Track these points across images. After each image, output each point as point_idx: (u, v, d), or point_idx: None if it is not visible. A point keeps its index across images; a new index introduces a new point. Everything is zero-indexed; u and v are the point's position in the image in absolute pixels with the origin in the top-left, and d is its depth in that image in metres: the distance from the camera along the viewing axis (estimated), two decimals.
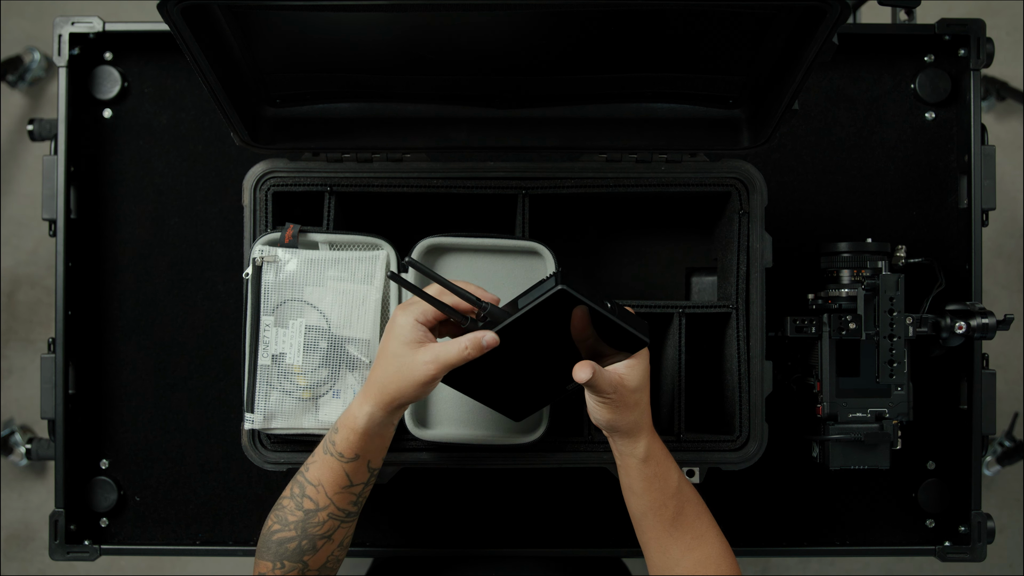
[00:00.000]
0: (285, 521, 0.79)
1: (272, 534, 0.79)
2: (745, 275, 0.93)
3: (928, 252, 1.04)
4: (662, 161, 0.93)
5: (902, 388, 0.95)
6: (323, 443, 0.79)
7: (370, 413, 0.77)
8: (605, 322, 0.76)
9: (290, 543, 0.78)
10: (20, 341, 1.76)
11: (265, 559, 0.79)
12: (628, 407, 0.78)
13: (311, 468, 0.79)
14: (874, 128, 1.08)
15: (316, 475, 0.79)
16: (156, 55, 1.07)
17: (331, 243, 0.91)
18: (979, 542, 1.03)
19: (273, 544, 0.79)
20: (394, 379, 0.76)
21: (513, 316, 0.75)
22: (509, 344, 0.77)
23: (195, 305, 1.07)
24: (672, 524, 0.81)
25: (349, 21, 0.77)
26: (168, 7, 0.67)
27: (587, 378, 0.75)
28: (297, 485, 0.80)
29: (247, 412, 0.88)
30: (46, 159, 1.04)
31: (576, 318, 0.76)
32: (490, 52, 0.82)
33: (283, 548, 0.78)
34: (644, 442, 0.80)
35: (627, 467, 0.81)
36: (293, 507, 0.79)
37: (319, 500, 0.79)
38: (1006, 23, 1.78)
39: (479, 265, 0.92)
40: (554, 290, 0.74)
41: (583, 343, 0.78)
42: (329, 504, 0.79)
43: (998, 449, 1.61)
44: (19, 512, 1.73)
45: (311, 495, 0.79)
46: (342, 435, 0.78)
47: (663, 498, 0.81)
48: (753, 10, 0.75)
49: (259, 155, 0.92)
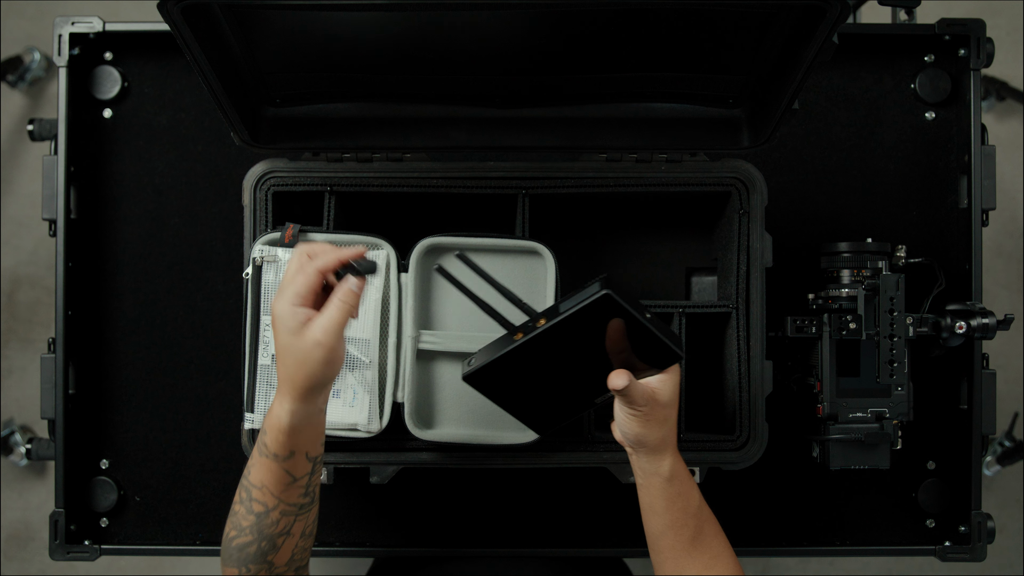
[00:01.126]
0: (240, 527, 0.77)
1: (231, 541, 0.77)
2: (745, 275, 0.93)
3: (928, 252, 1.04)
4: (662, 161, 0.93)
5: (902, 388, 0.95)
6: (257, 445, 0.77)
7: (291, 410, 0.74)
8: (642, 333, 0.75)
9: (250, 547, 0.76)
10: (20, 341, 1.76)
11: (230, 566, 0.77)
12: (658, 422, 0.77)
13: (251, 471, 0.77)
14: (874, 128, 1.08)
15: (258, 478, 0.76)
16: (156, 55, 1.07)
17: (331, 243, 0.91)
18: (979, 542, 1.03)
19: (234, 550, 0.77)
20: (297, 370, 0.73)
21: (555, 319, 0.74)
22: (543, 350, 0.76)
23: (195, 305, 1.07)
24: (691, 543, 0.79)
25: (349, 21, 0.77)
26: (168, 7, 0.67)
27: (623, 386, 0.74)
28: (244, 490, 0.77)
29: (247, 412, 0.88)
30: (46, 159, 1.04)
31: (613, 327, 0.75)
32: (490, 52, 0.81)
33: (244, 553, 0.77)
34: (669, 460, 0.78)
35: (650, 486, 0.80)
36: (244, 512, 0.77)
37: (267, 501, 0.76)
38: (1006, 23, 1.78)
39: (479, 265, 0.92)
40: (599, 295, 0.73)
41: (617, 355, 0.77)
42: (278, 503, 0.76)
43: (998, 449, 1.61)
44: (19, 512, 1.73)
45: (257, 498, 0.76)
46: (271, 436, 0.75)
47: (684, 517, 0.79)
48: (753, 10, 0.75)
49: (259, 155, 0.92)
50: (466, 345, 0.91)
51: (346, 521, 1.08)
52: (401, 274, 0.91)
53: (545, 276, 0.91)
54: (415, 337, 0.90)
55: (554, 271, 0.90)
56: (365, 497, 1.07)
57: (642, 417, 0.76)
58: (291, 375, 0.73)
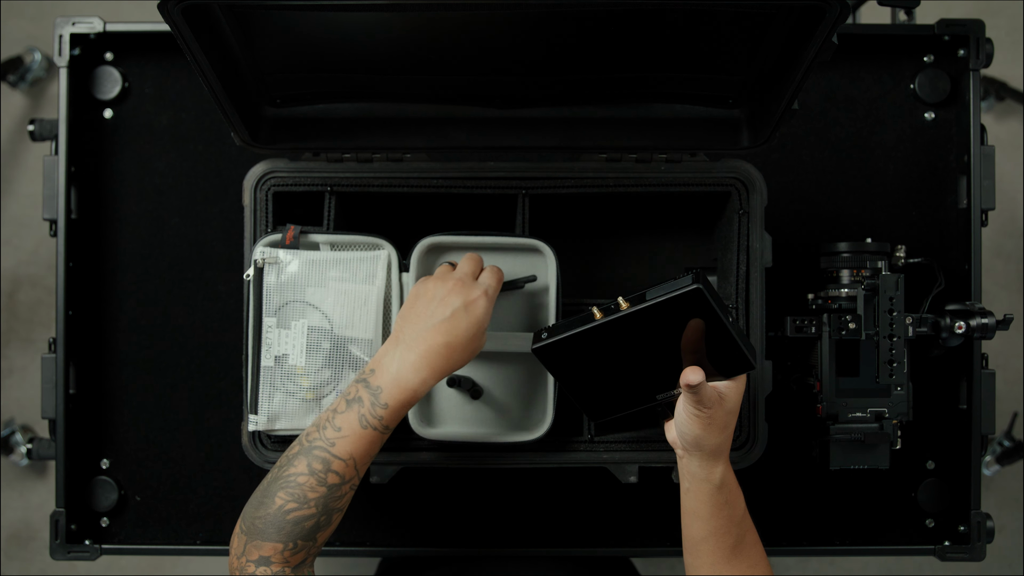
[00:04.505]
0: (303, 499, 0.75)
1: (285, 514, 0.75)
2: (745, 275, 0.93)
3: (928, 252, 1.04)
4: (662, 161, 0.93)
5: (902, 388, 0.95)
6: (356, 416, 0.76)
7: (425, 379, 0.77)
8: (722, 336, 0.74)
9: (308, 521, 0.75)
10: (21, 341, 1.76)
11: (275, 540, 0.74)
12: (718, 428, 0.77)
13: (339, 443, 0.76)
14: (874, 128, 1.08)
15: (348, 449, 0.76)
16: (156, 55, 1.07)
17: (332, 243, 0.91)
18: (978, 542, 1.03)
19: (288, 524, 0.74)
20: (468, 357, 0.80)
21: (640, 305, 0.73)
22: (619, 335, 0.75)
23: (195, 305, 1.07)
24: (732, 551, 0.79)
25: (349, 21, 0.77)
26: (168, 7, 0.68)
27: (697, 382, 0.74)
28: (318, 461, 0.75)
29: (251, 414, 0.88)
30: (47, 159, 1.04)
31: (693, 325, 0.74)
32: (490, 52, 0.82)
33: (299, 527, 0.75)
34: (722, 468, 0.79)
35: (698, 491, 0.79)
36: (314, 483, 0.75)
37: (346, 474, 0.76)
38: (1005, 23, 1.78)
39: None
40: (690, 288, 0.72)
41: (690, 354, 0.77)
42: (355, 476, 0.77)
43: (997, 449, 1.61)
44: (20, 512, 1.73)
45: (338, 469, 0.76)
46: (395, 410, 0.76)
47: (728, 525, 0.79)
48: (753, 10, 0.75)
49: (259, 155, 0.92)
50: None
51: (346, 521, 1.08)
52: (402, 274, 0.91)
53: (546, 273, 0.91)
54: None
55: (555, 268, 0.90)
56: (366, 496, 1.07)
57: (705, 419, 0.76)
58: (461, 362, 0.79)
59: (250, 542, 0.75)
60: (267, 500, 0.75)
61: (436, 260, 0.92)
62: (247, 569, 0.74)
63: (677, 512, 1.07)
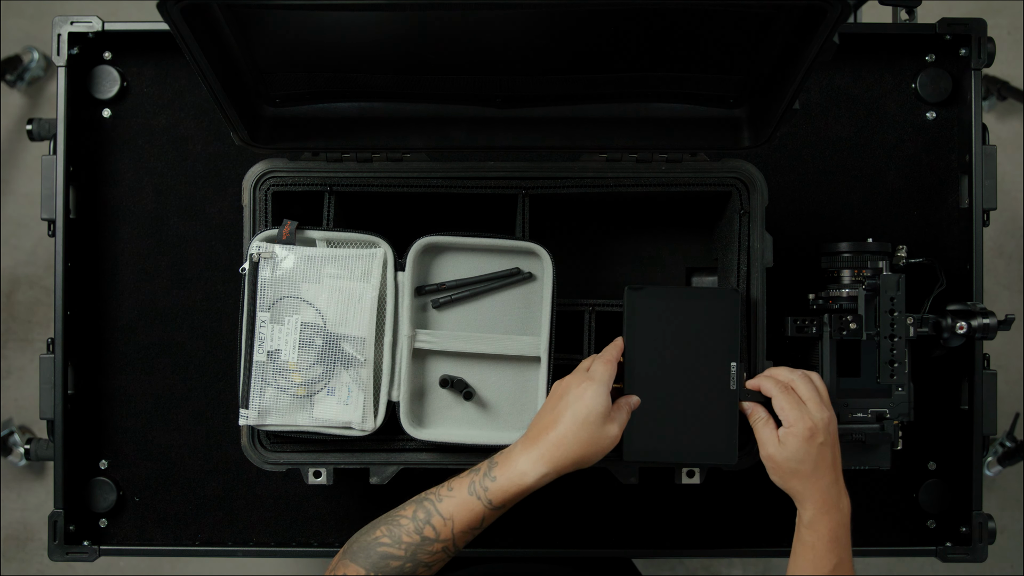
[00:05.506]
0: (398, 540, 0.77)
1: (378, 545, 0.77)
2: (746, 275, 0.93)
3: (929, 252, 1.04)
4: (662, 161, 0.93)
5: (903, 388, 0.95)
6: (468, 483, 0.78)
7: (544, 474, 0.78)
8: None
9: (394, 561, 0.77)
10: (19, 341, 1.75)
11: (359, 564, 0.77)
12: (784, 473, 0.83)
13: (445, 501, 0.78)
14: (875, 128, 1.08)
15: (450, 510, 0.78)
16: (156, 55, 1.07)
17: (328, 240, 0.91)
18: (980, 542, 1.03)
19: (376, 556, 0.77)
20: (585, 449, 0.78)
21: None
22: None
23: (195, 305, 1.07)
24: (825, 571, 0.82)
25: (349, 21, 0.77)
26: (168, 7, 0.67)
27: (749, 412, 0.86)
28: (423, 511, 0.78)
29: (241, 408, 0.88)
30: (45, 159, 1.03)
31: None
32: (490, 52, 0.81)
33: (385, 563, 0.77)
34: (808, 515, 0.83)
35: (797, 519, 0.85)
36: (412, 529, 0.78)
37: (442, 533, 0.78)
38: (1007, 23, 1.77)
39: (476, 265, 0.92)
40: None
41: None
42: (450, 539, 0.78)
43: (999, 449, 1.61)
44: (18, 512, 1.73)
45: (436, 525, 0.77)
46: (501, 486, 0.78)
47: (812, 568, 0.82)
48: (753, 10, 0.75)
49: (259, 155, 0.92)
50: (462, 345, 0.91)
51: (347, 521, 1.08)
52: (398, 273, 0.90)
53: (543, 277, 0.91)
54: (411, 336, 0.90)
55: (551, 272, 0.90)
56: (366, 497, 1.07)
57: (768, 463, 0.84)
58: (574, 450, 0.78)
59: (341, 560, 0.79)
60: (371, 529, 0.79)
61: (432, 260, 0.92)
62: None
63: (677, 512, 1.07)
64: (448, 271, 0.92)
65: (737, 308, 0.88)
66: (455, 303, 0.92)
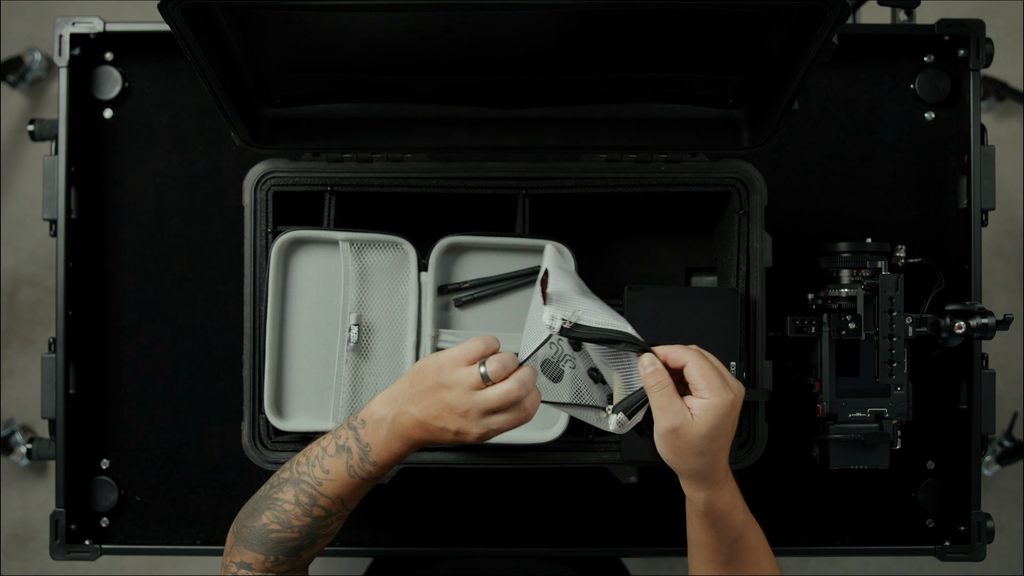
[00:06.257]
0: (288, 524, 0.76)
1: (269, 532, 0.77)
2: (745, 275, 0.93)
3: (928, 252, 1.04)
4: (662, 161, 0.93)
5: (902, 388, 0.95)
6: (347, 467, 0.76)
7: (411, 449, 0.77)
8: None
9: (290, 542, 0.77)
10: (21, 341, 1.76)
11: (255, 551, 0.76)
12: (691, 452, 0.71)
13: (327, 484, 0.76)
14: (874, 128, 1.08)
15: (335, 491, 0.77)
16: (156, 55, 1.07)
17: (352, 241, 0.91)
18: (979, 542, 1.03)
19: (270, 541, 0.77)
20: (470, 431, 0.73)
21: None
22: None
23: (195, 305, 1.07)
24: (723, 566, 0.77)
25: (349, 21, 0.77)
26: (168, 7, 0.67)
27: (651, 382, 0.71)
28: (306, 495, 0.76)
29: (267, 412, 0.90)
30: (47, 159, 1.04)
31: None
32: (490, 52, 0.82)
33: (282, 546, 0.77)
34: (704, 494, 0.74)
35: (688, 508, 0.77)
36: (299, 513, 0.77)
37: (332, 508, 0.77)
38: (1005, 23, 1.78)
39: (497, 264, 0.93)
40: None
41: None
42: (342, 509, 0.78)
43: (997, 449, 1.61)
44: (20, 512, 1.73)
45: (324, 505, 0.77)
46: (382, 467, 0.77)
47: (718, 544, 0.76)
48: (753, 10, 0.75)
49: (259, 155, 0.92)
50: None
51: (347, 520, 1.08)
52: (421, 273, 0.91)
53: None
54: (435, 336, 0.91)
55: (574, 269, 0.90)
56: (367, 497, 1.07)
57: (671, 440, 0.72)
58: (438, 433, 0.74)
59: (235, 546, 0.78)
60: (255, 514, 0.78)
61: (454, 260, 0.92)
62: (230, 568, 0.78)
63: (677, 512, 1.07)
64: (469, 271, 0.93)
65: (736, 308, 0.89)
66: (477, 302, 0.92)
